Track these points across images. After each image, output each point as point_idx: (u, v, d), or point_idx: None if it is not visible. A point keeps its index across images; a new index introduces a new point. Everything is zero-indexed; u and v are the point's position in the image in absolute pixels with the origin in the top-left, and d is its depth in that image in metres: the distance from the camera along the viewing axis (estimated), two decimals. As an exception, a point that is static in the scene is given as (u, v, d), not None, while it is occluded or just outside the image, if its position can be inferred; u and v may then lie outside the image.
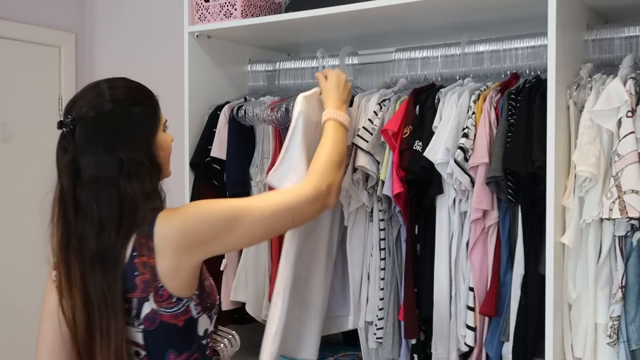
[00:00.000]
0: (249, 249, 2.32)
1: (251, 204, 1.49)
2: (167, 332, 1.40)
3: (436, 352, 1.92)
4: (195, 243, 1.39)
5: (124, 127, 1.43)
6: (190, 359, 1.45)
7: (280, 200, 1.53)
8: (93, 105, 1.44)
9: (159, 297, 1.38)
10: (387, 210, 1.98)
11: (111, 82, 1.51)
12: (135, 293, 1.38)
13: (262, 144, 2.35)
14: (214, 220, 1.41)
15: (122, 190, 1.38)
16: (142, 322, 1.40)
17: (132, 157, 1.40)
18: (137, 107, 1.46)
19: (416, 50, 2.13)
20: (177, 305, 1.40)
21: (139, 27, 3.24)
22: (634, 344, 1.68)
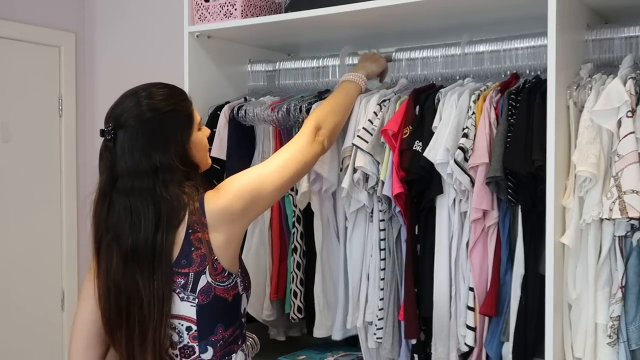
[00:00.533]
0: (250, 249, 2.32)
1: (267, 165, 1.66)
2: (219, 305, 1.54)
3: (436, 352, 1.92)
4: (240, 213, 1.55)
5: (160, 135, 1.54)
6: (234, 334, 1.59)
7: (288, 149, 1.71)
8: (132, 114, 1.54)
9: (214, 270, 1.52)
10: (387, 211, 1.98)
11: (148, 89, 1.59)
12: (192, 267, 1.51)
13: (262, 144, 2.35)
14: (248, 191, 1.56)
15: (158, 195, 1.50)
16: (197, 295, 1.52)
17: (166, 163, 1.52)
18: (172, 114, 1.57)
19: (416, 50, 2.13)
20: (228, 280, 1.54)
21: (139, 27, 3.24)
22: (634, 344, 1.68)
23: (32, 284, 3.16)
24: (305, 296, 2.22)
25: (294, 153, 1.70)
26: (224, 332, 1.56)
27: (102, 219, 1.52)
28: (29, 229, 3.16)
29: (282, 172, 1.63)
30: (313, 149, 1.75)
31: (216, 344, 1.54)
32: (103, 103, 3.59)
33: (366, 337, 2.09)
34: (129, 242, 1.48)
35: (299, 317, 2.22)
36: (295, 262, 2.22)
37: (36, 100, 3.20)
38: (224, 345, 1.56)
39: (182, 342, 1.53)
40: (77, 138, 3.36)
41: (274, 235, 2.29)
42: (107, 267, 1.51)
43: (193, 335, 1.53)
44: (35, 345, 3.14)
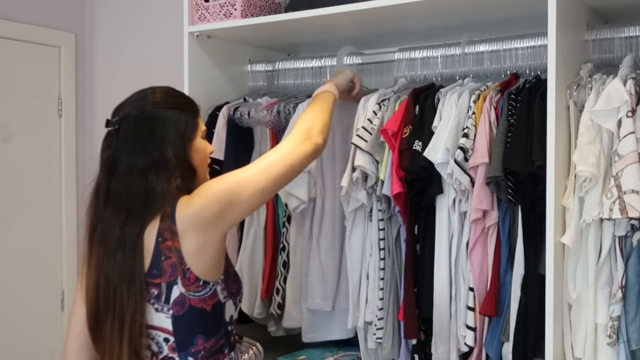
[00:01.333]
0: (245, 249, 2.33)
1: (249, 169, 1.57)
2: (196, 316, 1.46)
3: (436, 352, 1.92)
4: (213, 219, 1.46)
5: (161, 128, 1.52)
6: (217, 344, 1.51)
7: (274, 152, 1.62)
8: (136, 106, 1.54)
9: (186, 280, 1.44)
10: (386, 210, 1.99)
11: (159, 89, 1.60)
12: (163, 278, 1.44)
13: (259, 145, 2.36)
14: (222, 197, 1.47)
15: (149, 182, 1.47)
16: (171, 306, 1.45)
17: (163, 155, 1.49)
18: (174, 111, 1.55)
19: (416, 50, 2.13)
20: (204, 289, 1.46)
21: (139, 27, 3.24)
22: (634, 344, 1.68)
23: (32, 284, 3.15)
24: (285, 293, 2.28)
25: (279, 156, 1.59)
26: (205, 343, 1.48)
27: (98, 209, 1.51)
28: (29, 229, 3.16)
29: (264, 176, 1.53)
30: (303, 148, 1.63)
31: (197, 354, 1.48)
32: (103, 103, 3.59)
33: (365, 338, 2.09)
34: (116, 234, 1.46)
35: (279, 313, 2.26)
36: (282, 261, 2.26)
37: (36, 100, 3.20)
38: (207, 355, 1.49)
39: (162, 353, 1.48)
40: (77, 138, 3.36)
41: (268, 234, 2.31)
42: (98, 259, 1.48)
43: (172, 347, 1.48)
44: (35, 345, 3.14)
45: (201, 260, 1.46)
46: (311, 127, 1.68)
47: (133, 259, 1.44)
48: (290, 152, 1.60)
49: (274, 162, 1.57)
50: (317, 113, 1.77)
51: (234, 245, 2.36)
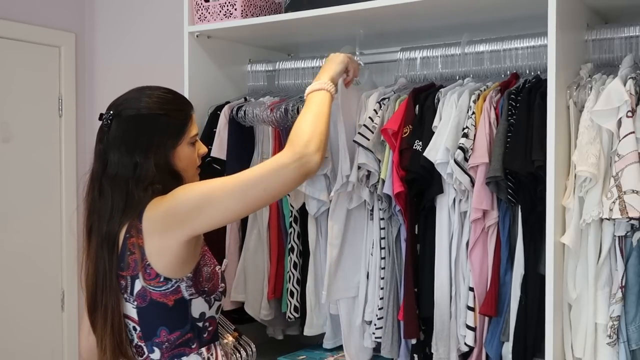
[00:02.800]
0: (248, 248, 2.32)
1: (225, 179, 1.52)
2: (158, 309, 1.52)
3: (437, 352, 1.92)
4: (175, 223, 1.48)
5: (146, 133, 1.55)
6: (182, 338, 1.55)
7: (251, 171, 1.51)
8: (129, 106, 1.58)
9: (147, 275, 1.50)
10: (387, 210, 1.99)
11: (153, 90, 1.62)
12: (128, 271, 1.53)
13: (261, 144, 2.36)
14: (189, 201, 1.47)
15: (130, 190, 1.52)
16: (135, 298, 1.54)
17: (145, 163, 1.53)
18: (164, 118, 1.57)
19: (416, 50, 2.13)
20: (165, 285, 1.51)
21: (139, 27, 3.24)
22: (634, 344, 1.68)
23: (32, 284, 3.16)
24: (302, 296, 2.23)
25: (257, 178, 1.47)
26: (169, 335, 1.54)
27: (95, 199, 1.57)
28: (29, 229, 3.16)
29: (234, 196, 1.46)
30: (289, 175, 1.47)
31: (161, 345, 1.55)
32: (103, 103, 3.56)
33: (362, 336, 2.09)
34: (104, 228, 1.53)
35: (295, 316, 2.23)
36: (292, 262, 2.23)
37: (36, 100, 3.20)
38: (170, 347, 1.54)
39: (134, 341, 1.58)
40: (77, 138, 3.36)
41: (272, 235, 2.30)
42: (91, 249, 1.58)
43: (139, 336, 1.57)
44: (35, 345, 3.14)
45: (162, 259, 1.50)
46: (307, 143, 1.50)
47: (112, 255, 1.53)
48: (269, 177, 1.47)
49: (250, 183, 1.47)
50: (313, 122, 1.58)
51: (235, 245, 2.36)
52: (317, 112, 1.62)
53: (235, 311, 2.36)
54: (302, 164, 1.47)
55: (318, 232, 2.18)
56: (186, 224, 1.47)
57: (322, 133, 1.56)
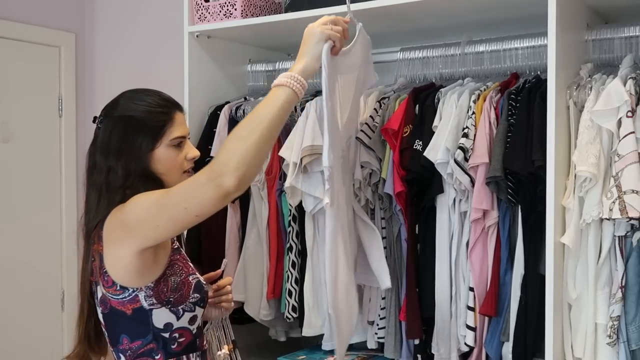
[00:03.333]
0: (247, 248, 2.32)
1: (162, 193, 1.44)
2: (118, 317, 1.51)
3: (438, 352, 1.92)
4: (125, 233, 1.44)
5: (121, 136, 1.53)
6: (144, 347, 1.51)
7: (177, 187, 1.42)
8: (112, 109, 1.57)
9: (105, 282, 1.49)
10: (387, 209, 1.99)
11: (143, 92, 1.59)
12: (93, 277, 1.55)
13: (261, 144, 2.35)
14: (136, 213, 1.43)
15: (102, 194, 1.52)
16: (99, 304, 1.54)
17: (116, 166, 1.51)
18: (139, 119, 1.53)
19: (416, 50, 2.13)
20: (122, 293, 1.48)
21: (139, 27, 3.24)
22: (634, 344, 1.68)
23: (32, 284, 3.15)
24: (300, 295, 2.22)
25: (178, 196, 1.39)
26: (130, 344, 1.51)
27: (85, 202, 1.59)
28: (29, 229, 3.16)
29: (160, 213, 1.39)
30: (203, 195, 1.35)
31: (125, 352, 1.52)
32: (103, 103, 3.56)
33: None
34: (85, 231, 1.56)
35: (294, 316, 2.22)
36: (291, 261, 2.22)
37: (36, 100, 3.20)
38: (133, 356, 1.52)
39: (108, 345, 1.59)
40: (77, 138, 3.36)
41: (271, 234, 2.29)
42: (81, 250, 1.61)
43: (108, 341, 1.57)
44: (35, 345, 3.13)
45: (116, 268, 1.47)
46: (225, 161, 1.33)
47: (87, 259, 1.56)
48: (188, 196, 1.37)
49: (173, 201, 1.39)
50: (243, 135, 1.35)
51: (235, 245, 2.36)
52: (256, 120, 1.37)
53: (235, 311, 2.36)
54: (216, 185, 1.32)
55: (315, 230, 2.17)
56: (134, 235, 1.42)
57: (250, 148, 1.33)
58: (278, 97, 1.41)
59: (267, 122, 1.36)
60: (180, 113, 1.59)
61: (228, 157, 1.33)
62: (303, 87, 1.44)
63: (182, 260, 1.56)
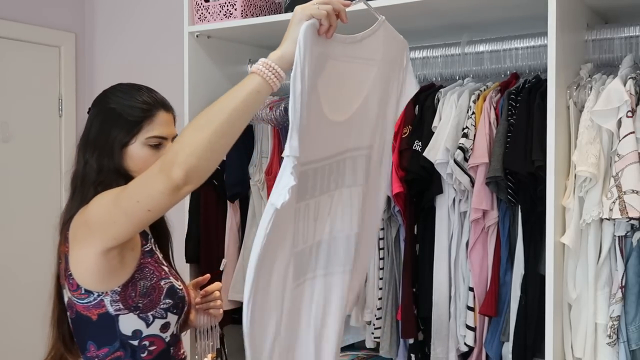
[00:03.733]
0: (247, 247, 2.32)
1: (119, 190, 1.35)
2: (84, 322, 1.43)
3: (435, 352, 1.92)
4: (88, 234, 1.36)
5: (97, 128, 1.47)
6: (111, 355, 1.42)
7: (133, 180, 1.33)
8: (100, 99, 1.51)
9: (70, 285, 1.42)
10: (386, 210, 1.98)
11: (124, 85, 1.53)
12: (61, 280, 1.48)
13: (260, 143, 2.36)
14: (97, 212, 1.35)
15: (76, 191, 1.45)
16: (67, 308, 1.47)
17: (90, 160, 1.45)
18: (117, 112, 1.45)
19: (416, 50, 2.13)
20: (87, 298, 1.40)
21: (139, 27, 3.24)
22: (634, 344, 1.68)
23: (32, 284, 3.15)
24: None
25: (131, 189, 1.30)
26: (97, 351, 1.42)
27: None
28: (29, 229, 3.16)
29: (116, 210, 1.31)
30: (154, 187, 1.24)
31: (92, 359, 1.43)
32: (103, 103, 3.58)
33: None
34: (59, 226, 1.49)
35: None
36: None
37: (36, 100, 3.20)
38: None
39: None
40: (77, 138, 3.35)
41: (272, 233, 2.28)
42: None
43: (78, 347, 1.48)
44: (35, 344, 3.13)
45: (81, 271, 1.39)
46: (177, 151, 1.22)
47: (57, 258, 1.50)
48: (139, 188, 1.28)
49: (126, 195, 1.30)
50: (199, 125, 1.25)
51: (235, 244, 2.36)
52: (217, 109, 1.26)
53: (235, 311, 2.36)
54: (165, 177, 1.22)
55: None
56: (95, 234, 1.34)
57: (204, 140, 1.22)
58: (245, 86, 1.25)
59: (228, 112, 1.24)
60: (166, 113, 1.49)
61: (180, 147, 1.23)
62: (278, 77, 1.27)
63: (154, 263, 1.45)
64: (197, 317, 1.61)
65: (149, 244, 1.47)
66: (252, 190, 2.31)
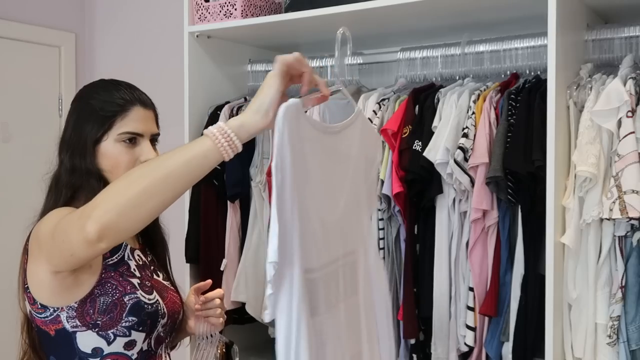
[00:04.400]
0: (249, 248, 2.32)
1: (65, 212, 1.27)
2: (44, 336, 1.35)
3: (436, 352, 1.92)
4: (38, 250, 1.29)
5: (75, 125, 1.40)
6: None
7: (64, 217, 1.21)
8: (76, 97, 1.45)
9: (29, 298, 1.35)
10: (386, 210, 1.99)
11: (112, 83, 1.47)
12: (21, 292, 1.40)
13: (261, 144, 2.35)
14: (42, 231, 1.28)
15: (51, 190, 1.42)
16: (31, 321, 1.40)
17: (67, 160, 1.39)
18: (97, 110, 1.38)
19: (416, 50, 2.13)
20: (44, 312, 1.32)
21: (139, 27, 3.24)
22: (634, 344, 1.68)
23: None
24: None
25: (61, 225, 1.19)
26: None
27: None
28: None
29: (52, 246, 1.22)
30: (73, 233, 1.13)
31: None
32: (103, 103, 3.57)
33: None
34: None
35: None
36: None
37: (36, 100, 3.20)
38: None
39: None
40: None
41: (273, 233, 2.28)
42: None
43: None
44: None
45: (35, 284, 1.32)
46: (99, 202, 1.11)
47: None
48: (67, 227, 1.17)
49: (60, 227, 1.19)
50: (126, 184, 1.11)
51: (235, 245, 2.36)
52: (154, 165, 1.13)
53: (236, 311, 2.36)
54: (81, 226, 1.11)
55: None
56: (43, 255, 1.26)
57: (131, 197, 1.09)
58: (192, 148, 1.11)
59: (166, 172, 1.09)
60: (143, 109, 1.39)
61: (103, 198, 1.12)
62: (233, 146, 1.10)
63: (118, 277, 1.34)
64: (197, 324, 1.52)
65: (120, 254, 1.37)
66: (254, 191, 2.31)
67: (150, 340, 1.37)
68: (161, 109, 1.51)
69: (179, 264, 2.33)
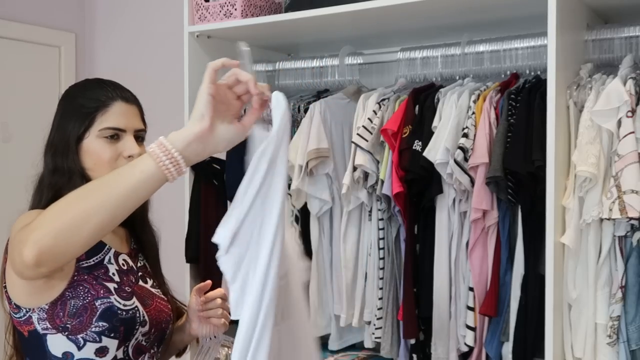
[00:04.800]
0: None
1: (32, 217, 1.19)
2: (21, 338, 1.33)
3: (436, 352, 1.92)
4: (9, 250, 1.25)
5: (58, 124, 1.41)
6: None
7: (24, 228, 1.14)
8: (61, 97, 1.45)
9: (6, 298, 1.31)
10: (386, 210, 1.99)
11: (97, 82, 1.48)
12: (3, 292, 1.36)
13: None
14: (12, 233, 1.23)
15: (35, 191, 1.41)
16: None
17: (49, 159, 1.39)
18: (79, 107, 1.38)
19: (416, 50, 2.13)
20: (18, 312, 1.29)
21: (139, 27, 3.24)
22: (634, 344, 1.68)
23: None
24: (304, 296, 2.22)
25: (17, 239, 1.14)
26: None
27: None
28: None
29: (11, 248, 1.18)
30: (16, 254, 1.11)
31: None
32: (103, 103, 3.58)
33: None
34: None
35: None
36: None
37: (36, 100, 3.19)
38: None
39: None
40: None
41: (272, 233, 2.28)
42: None
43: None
44: None
45: (10, 284, 1.28)
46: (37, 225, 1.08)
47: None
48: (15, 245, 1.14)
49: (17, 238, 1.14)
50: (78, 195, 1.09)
51: (233, 245, 2.36)
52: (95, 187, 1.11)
53: (235, 311, 2.36)
54: (20, 250, 1.08)
55: (320, 232, 2.18)
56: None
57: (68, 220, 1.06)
58: (134, 172, 1.06)
59: (103, 196, 1.06)
60: (125, 104, 1.37)
61: (40, 221, 1.08)
62: (177, 168, 1.06)
63: (92, 281, 1.30)
64: (199, 326, 1.48)
65: (99, 257, 1.34)
66: (253, 190, 2.31)
67: (127, 349, 1.32)
68: (161, 109, 1.51)
69: (179, 264, 2.33)
